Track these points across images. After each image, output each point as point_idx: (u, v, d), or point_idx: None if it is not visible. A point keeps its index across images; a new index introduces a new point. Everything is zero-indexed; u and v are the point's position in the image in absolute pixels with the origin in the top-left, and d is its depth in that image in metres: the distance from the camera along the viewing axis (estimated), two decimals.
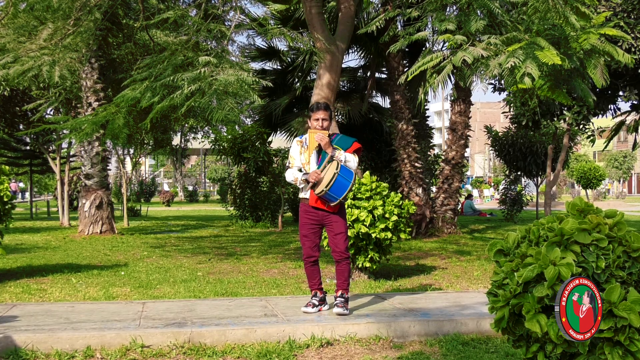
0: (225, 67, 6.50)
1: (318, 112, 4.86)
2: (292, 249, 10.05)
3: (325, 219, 4.85)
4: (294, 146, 5.00)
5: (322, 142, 4.75)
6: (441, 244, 10.61)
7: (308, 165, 4.86)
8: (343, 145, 4.87)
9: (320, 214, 4.84)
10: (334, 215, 4.83)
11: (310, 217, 4.87)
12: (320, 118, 4.84)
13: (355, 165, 4.81)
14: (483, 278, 7.02)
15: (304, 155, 4.89)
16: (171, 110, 13.51)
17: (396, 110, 12.31)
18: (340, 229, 4.83)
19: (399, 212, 6.50)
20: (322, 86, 9.47)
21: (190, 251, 9.80)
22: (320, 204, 4.80)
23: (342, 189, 4.66)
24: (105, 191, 12.47)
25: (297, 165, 4.93)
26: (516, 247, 3.12)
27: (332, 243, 4.88)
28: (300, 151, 4.92)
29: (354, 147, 4.89)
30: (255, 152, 14.08)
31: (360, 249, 6.53)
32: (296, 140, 5.03)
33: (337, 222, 4.83)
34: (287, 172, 4.96)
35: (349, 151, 4.85)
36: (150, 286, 6.43)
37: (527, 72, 5.53)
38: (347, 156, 4.79)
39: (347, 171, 4.71)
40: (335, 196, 4.67)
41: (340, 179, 4.65)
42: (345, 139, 4.94)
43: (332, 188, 4.65)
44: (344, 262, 4.87)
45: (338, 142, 4.90)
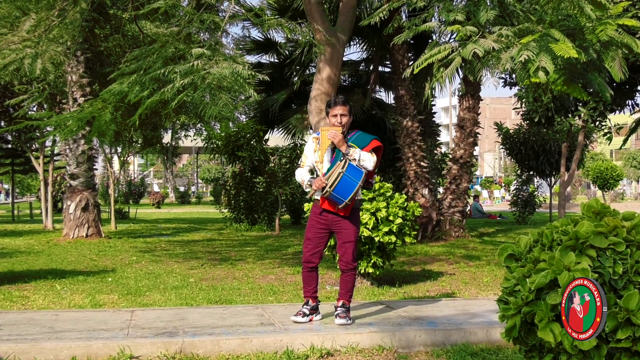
0: (219, 60, 6.50)
1: (336, 107, 4.82)
2: (290, 254, 10.05)
3: (335, 224, 4.80)
4: (308, 143, 4.96)
5: (334, 139, 4.70)
6: (449, 249, 10.61)
7: (321, 164, 4.80)
8: (360, 143, 4.80)
9: (330, 217, 4.78)
10: (345, 220, 4.77)
11: (319, 220, 4.82)
12: (339, 114, 4.79)
13: (371, 166, 4.71)
14: (493, 284, 7.02)
15: (317, 153, 4.84)
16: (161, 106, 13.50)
17: (401, 106, 12.31)
18: (350, 237, 4.79)
19: (403, 215, 6.50)
20: (322, 80, 9.47)
21: (182, 256, 9.80)
22: (330, 206, 4.75)
23: (348, 189, 4.59)
24: (92, 192, 12.47)
25: (309, 165, 4.89)
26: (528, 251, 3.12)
27: (340, 251, 4.84)
28: (315, 149, 4.88)
29: (372, 145, 4.81)
30: (250, 150, 14.08)
31: (363, 254, 6.54)
32: (312, 137, 4.98)
33: (347, 229, 4.78)
34: (297, 171, 4.92)
35: (366, 149, 4.77)
36: (139, 293, 6.43)
37: (540, 65, 5.53)
38: (363, 155, 4.70)
39: (355, 170, 4.63)
40: (341, 197, 4.61)
41: (346, 179, 4.58)
42: (363, 137, 4.87)
43: (337, 188, 4.58)
44: (349, 273, 4.85)
45: (356, 139, 4.83)
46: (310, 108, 9.77)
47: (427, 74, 11.92)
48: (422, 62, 6.43)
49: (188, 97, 6.38)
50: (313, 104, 9.63)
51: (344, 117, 4.82)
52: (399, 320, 4.96)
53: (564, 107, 13.23)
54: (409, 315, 5.18)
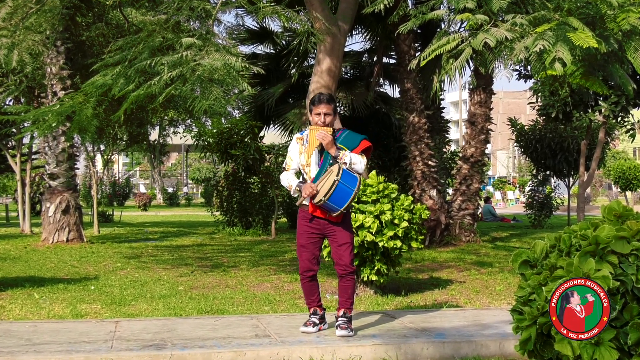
0: (211, 50, 6.49)
1: (320, 105, 4.81)
2: (287, 260, 10.05)
3: (327, 228, 4.82)
4: (292, 144, 4.94)
5: (324, 141, 4.69)
6: (458, 254, 10.62)
7: (308, 167, 4.80)
8: (349, 144, 4.81)
9: (321, 222, 4.81)
10: (337, 224, 4.81)
11: (310, 225, 4.84)
12: (322, 112, 4.79)
13: (362, 168, 4.74)
14: (506, 293, 7.02)
15: (304, 155, 4.84)
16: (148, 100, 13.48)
17: (407, 101, 12.32)
18: (344, 239, 4.81)
19: (409, 218, 6.50)
20: (321, 73, 9.47)
21: (170, 262, 9.80)
22: (321, 213, 4.77)
23: (344, 198, 4.61)
24: (73, 193, 12.47)
25: (295, 168, 4.89)
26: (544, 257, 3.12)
27: (336, 255, 4.85)
28: (300, 150, 4.87)
29: (362, 147, 4.82)
30: (244, 148, 14.08)
31: (366, 260, 6.54)
32: (296, 137, 4.97)
33: (341, 231, 4.80)
34: (283, 175, 4.92)
35: (356, 151, 4.78)
36: (124, 302, 6.42)
37: (557, 56, 5.54)
38: (353, 158, 4.72)
39: (350, 177, 4.64)
40: (336, 206, 4.63)
41: (341, 187, 4.59)
42: (352, 137, 4.87)
43: (332, 197, 4.60)
44: (348, 278, 4.86)
45: (344, 140, 4.83)
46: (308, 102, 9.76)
47: (435, 65, 11.91)
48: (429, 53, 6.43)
49: (177, 91, 6.38)
50: None
51: (328, 116, 4.81)
52: (404, 332, 4.96)
53: (583, 101, 13.23)
54: (415, 326, 5.18)
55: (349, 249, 4.81)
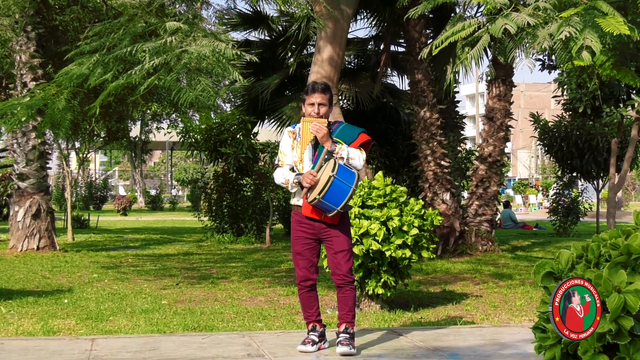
0: (198, 36, 6.50)
1: (313, 94, 4.85)
2: (284, 271, 10.05)
3: (323, 232, 4.85)
4: (284, 138, 4.99)
5: (318, 134, 4.73)
6: (474, 265, 10.62)
7: (301, 163, 4.84)
8: (346, 138, 4.85)
9: (317, 226, 4.84)
10: (334, 228, 4.82)
11: (305, 229, 4.86)
12: (316, 102, 4.83)
13: (360, 164, 4.77)
14: (528, 309, 7.02)
15: (296, 150, 4.88)
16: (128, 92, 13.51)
17: (417, 94, 12.32)
18: (342, 245, 4.83)
19: (420, 224, 6.50)
20: (322, 62, 9.49)
21: (153, 273, 9.80)
22: (316, 214, 4.79)
23: (340, 196, 4.62)
24: (44, 196, 12.47)
25: (289, 164, 4.91)
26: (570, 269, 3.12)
27: (332, 263, 4.87)
28: (293, 145, 4.91)
29: (360, 140, 4.86)
30: (236, 146, 14.08)
31: (371, 271, 6.54)
32: (287, 130, 5.01)
33: (338, 236, 4.83)
34: (276, 171, 4.95)
35: (354, 145, 4.82)
36: (101, 318, 6.43)
37: (585, 44, 5.53)
38: (351, 152, 4.75)
39: (347, 173, 4.67)
40: (332, 205, 4.64)
41: (337, 184, 4.60)
42: (349, 130, 4.92)
43: (328, 195, 4.60)
44: (347, 288, 4.87)
45: (340, 133, 4.87)
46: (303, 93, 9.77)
47: (449, 54, 11.91)
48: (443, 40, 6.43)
49: (160, 81, 6.38)
50: None
51: (323, 107, 4.85)
52: (414, 352, 4.96)
53: (614, 95, 13.22)
54: (426, 345, 5.18)
55: (347, 256, 4.83)
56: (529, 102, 74.26)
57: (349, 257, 4.85)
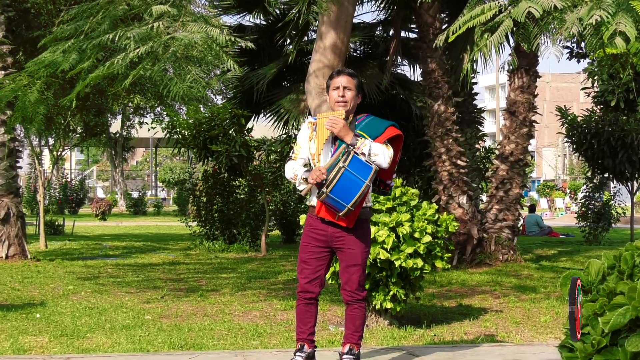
0: (187, 21, 6.51)
1: (339, 77, 4.87)
2: (281, 282, 10.05)
3: (336, 240, 4.78)
4: (303, 129, 4.97)
5: (333, 129, 4.69)
6: (494, 276, 10.62)
7: (318, 157, 4.80)
8: (372, 132, 4.79)
9: (330, 231, 4.77)
10: (349, 236, 4.76)
11: (316, 234, 4.81)
12: (342, 86, 4.83)
13: (386, 162, 4.69)
14: (554, 325, 7.02)
15: (313, 142, 4.83)
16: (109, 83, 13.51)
17: (430, 85, 12.33)
18: (356, 258, 4.78)
19: (433, 231, 6.50)
20: (324, 50, 9.49)
21: (135, 285, 9.81)
22: (328, 213, 4.73)
23: (351, 191, 4.54)
24: (14, 198, 12.48)
25: (304, 157, 4.88)
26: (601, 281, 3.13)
27: (343, 276, 4.83)
28: (311, 137, 4.87)
29: (387, 134, 4.80)
30: (228, 143, 14.09)
31: (379, 283, 6.54)
32: (307, 121, 4.99)
33: (352, 248, 4.77)
34: (288, 164, 4.90)
35: (380, 140, 4.76)
36: (77, 335, 6.43)
37: (618, 30, 5.54)
38: (374, 147, 4.68)
39: (361, 165, 4.60)
40: (342, 202, 4.56)
41: (348, 176, 4.53)
42: (376, 122, 4.88)
43: (336, 188, 4.52)
44: (356, 305, 4.84)
45: (366, 127, 4.83)
46: (308, 87, 9.78)
47: (467, 41, 11.92)
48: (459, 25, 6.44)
49: (145, 72, 6.39)
50: (313, 81, 9.65)
51: (349, 91, 4.84)
52: None
53: None
54: None
55: (360, 271, 4.79)
56: (555, 95, 74.22)
57: (362, 271, 4.80)
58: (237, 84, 16.09)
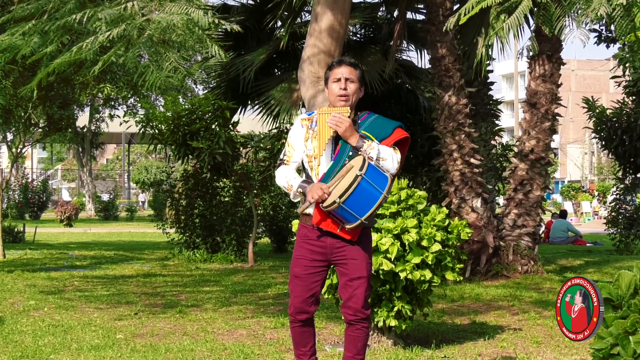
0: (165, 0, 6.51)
1: (340, 67, 4.84)
2: (271, 297, 10.06)
3: (336, 252, 4.77)
4: (295, 127, 4.93)
5: (338, 127, 4.66)
6: (512, 290, 10.63)
7: (316, 160, 4.77)
8: (378, 133, 4.78)
9: (329, 242, 4.75)
10: (351, 247, 4.75)
11: (312, 246, 4.78)
12: (343, 77, 4.81)
13: (394, 168, 4.69)
14: (579, 345, 7.03)
15: (312, 143, 4.80)
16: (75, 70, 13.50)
17: (440, 73, 12.34)
18: (360, 270, 4.76)
19: (443, 238, 6.51)
20: (320, 33, 9.49)
21: (106, 300, 9.80)
22: (331, 224, 4.70)
23: (367, 203, 4.52)
24: None
25: (297, 161, 4.85)
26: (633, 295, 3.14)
27: (345, 293, 4.81)
28: (306, 136, 4.83)
29: (395, 137, 4.78)
30: (211, 139, 14.09)
31: (382, 298, 6.54)
32: (300, 118, 4.95)
33: (355, 259, 4.75)
34: (279, 170, 4.86)
35: (387, 143, 4.74)
36: (39, 356, 6.42)
37: None
38: (383, 151, 4.67)
39: (378, 174, 4.57)
40: (355, 214, 4.53)
41: (365, 187, 4.49)
42: (382, 123, 4.85)
43: (351, 199, 4.48)
44: (359, 326, 4.83)
45: (370, 126, 4.81)
46: (302, 75, 9.78)
47: (481, 24, 11.94)
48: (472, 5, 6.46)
49: (117, 58, 6.39)
50: (307, 68, 9.65)
51: (352, 83, 4.82)
52: None
53: None
54: None
55: (364, 286, 4.76)
56: (581, 84, 74.35)
57: (367, 287, 4.78)
58: (221, 72, 16.07)
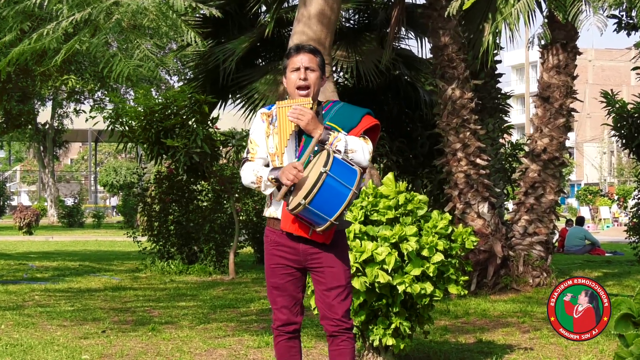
0: None
1: (298, 55, 4.87)
2: (254, 312, 10.05)
3: (310, 259, 4.82)
4: (256, 123, 4.97)
5: (300, 121, 4.70)
6: (523, 305, 10.65)
7: (280, 157, 4.82)
8: (345, 122, 4.82)
9: (301, 248, 4.81)
10: (327, 253, 4.80)
11: (284, 253, 4.85)
12: (302, 66, 4.83)
13: (365, 159, 4.73)
14: None
15: (273, 140, 4.85)
16: (36, 60, 13.46)
17: (443, 64, 12.35)
18: (337, 279, 4.81)
19: (446, 247, 6.52)
20: (309, 19, 9.50)
21: (70, 316, 9.78)
22: (302, 229, 4.76)
23: (335, 202, 4.56)
24: None
25: (262, 157, 4.90)
26: None
27: (323, 304, 4.86)
28: (268, 132, 4.89)
29: (364, 125, 4.84)
30: (188, 137, 14.07)
31: (377, 314, 6.55)
32: (260, 112, 4.99)
33: (331, 266, 4.81)
34: (245, 167, 4.89)
35: (355, 133, 4.79)
36: None
37: None
38: (351, 142, 4.71)
39: (345, 169, 4.60)
40: (323, 215, 4.58)
41: (331, 184, 4.54)
42: (348, 111, 4.91)
43: (317, 199, 4.53)
44: (344, 337, 4.86)
45: (336, 116, 4.86)
46: None
47: (487, 9, 11.97)
48: None
49: (82, 46, 6.38)
50: None
51: (312, 72, 4.85)
52: None
53: None
54: None
55: (343, 294, 4.82)
56: (599, 76, 74.60)
57: (347, 294, 4.84)
58: (199, 62, 16.08)
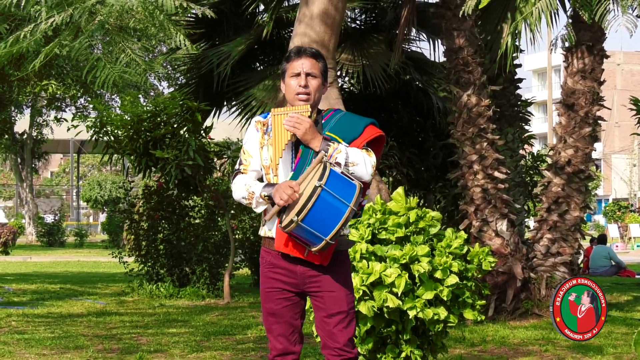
0: None
1: (298, 59, 4.88)
2: (251, 340, 10.06)
3: (309, 282, 4.83)
4: (250, 132, 4.98)
5: (297, 130, 4.70)
6: (545, 332, 10.64)
7: (275, 170, 4.82)
8: (346, 133, 4.82)
9: (299, 270, 4.82)
10: (328, 274, 4.81)
11: (280, 276, 4.85)
12: (303, 71, 4.84)
13: (368, 173, 4.74)
14: None
15: (267, 151, 4.86)
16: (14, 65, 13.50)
17: (457, 68, 12.37)
18: (341, 304, 4.82)
19: (461, 269, 6.52)
20: (311, 19, 9.53)
21: (50, 344, 9.79)
22: (296, 248, 4.75)
23: (331, 219, 4.56)
24: None
25: (256, 169, 4.91)
26: None
27: (323, 331, 4.87)
28: (262, 142, 4.90)
29: (367, 136, 4.85)
30: (179, 147, 14.09)
31: (386, 341, 6.55)
32: (255, 121, 5.01)
33: (332, 291, 4.82)
34: (236, 180, 4.90)
35: (357, 144, 4.80)
36: None
37: None
38: (352, 155, 4.72)
39: (342, 183, 4.61)
40: (317, 234, 4.58)
41: (326, 199, 4.54)
42: (350, 120, 4.91)
43: (311, 216, 4.53)
44: None
45: (337, 126, 4.86)
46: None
47: (506, 8, 11.99)
48: None
49: (62, 49, 6.40)
50: None
51: (313, 79, 4.86)
52: None
53: None
54: None
55: (346, 321, 4.82)
56: (629, 81, 74.57)
57: (349, 321, 4.84)
58: (191, 66, 16.11)
